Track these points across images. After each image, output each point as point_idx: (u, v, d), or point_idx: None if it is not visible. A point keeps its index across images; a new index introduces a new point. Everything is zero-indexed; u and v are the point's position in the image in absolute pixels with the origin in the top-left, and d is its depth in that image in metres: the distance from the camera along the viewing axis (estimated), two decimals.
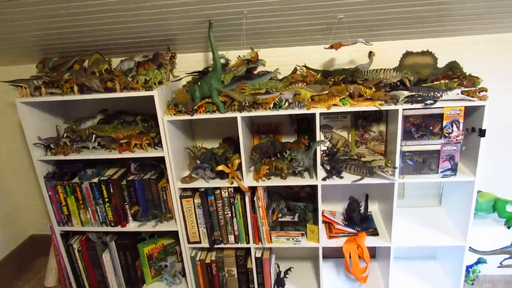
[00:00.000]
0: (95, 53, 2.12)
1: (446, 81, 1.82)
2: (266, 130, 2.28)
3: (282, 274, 2.37)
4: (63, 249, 2.34)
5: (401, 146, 1.87)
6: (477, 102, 1.75)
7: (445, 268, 2.32)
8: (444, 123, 1.82)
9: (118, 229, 2.23)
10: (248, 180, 2.04)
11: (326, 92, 1.88)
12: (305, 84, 1.91)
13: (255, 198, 2.03)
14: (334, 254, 2.48)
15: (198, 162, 2.15)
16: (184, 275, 2.38)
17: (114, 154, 2.09)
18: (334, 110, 1.84)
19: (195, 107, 1.94)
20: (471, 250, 2.32)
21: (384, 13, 1.80)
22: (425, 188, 2.35)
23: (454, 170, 1.89)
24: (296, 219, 2.24)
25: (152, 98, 1.93)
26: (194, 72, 2.20)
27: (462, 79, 1.82)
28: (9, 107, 2.60)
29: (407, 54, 1.93)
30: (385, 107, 1.80)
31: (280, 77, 2.12)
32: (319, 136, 1.92)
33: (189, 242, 2.20)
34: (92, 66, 2.08)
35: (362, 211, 2.22)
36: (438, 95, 1.78)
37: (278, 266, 2.44)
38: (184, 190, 2.15)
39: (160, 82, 2.03)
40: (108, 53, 2.22)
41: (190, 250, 2.27)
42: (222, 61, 2.10)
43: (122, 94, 1.96)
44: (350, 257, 2.08)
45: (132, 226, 2.24)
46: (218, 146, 2.28)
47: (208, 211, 2.11)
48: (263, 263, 2.18)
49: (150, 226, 2.20)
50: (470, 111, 1.85)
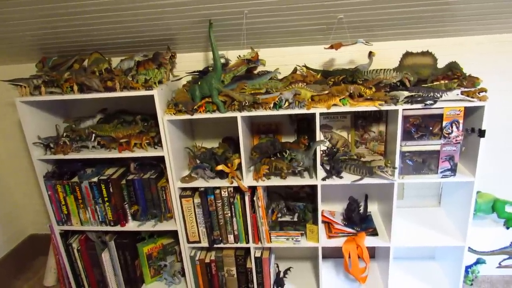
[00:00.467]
0: (95, 52, 2.12)
1: (446, 81, 1.83)
2: (266, 130, 2.28)
3: (281, 274, 2.37)
4: (63, 248, 2.34)
5: (400, 146, 1.87)
6: (476, 103, 1.75)
7: (444, 268, 2.32)
8: (443, 124, 1.82)
9: (118, 228, 2.23)
10: (247, 180, 2.04)
11: (326, 92, 1.88)
12: (305, 84, 1.91)
13: (255, 198, 2.03)
14: (333, 254, 2.49)
15: (198, 161, 2.15)
16: (183, 275, 2.38)
17: (114, 154, 2.09)
18: (334, 110, 1.84)
19: (195, 107, 1.94)
20: (470, 250, 2.33)
21: (384, 13, 1.80)
22: (424, 188, 2.35)
23: (453, 170, 1.89)
24: (295, 219, 2.24)
25: (152, 97, 1.93)
26: (194, 71, 2.20)
27: (462, 80, 1.82)
28: (8, 106, 2.60)
29: (407, 54, 1.93)
30: (385, 107, 1.80)
31: (280, 77, 2.12)
32: (319, 136, 1.92)
33: (188, 242, 2.20)
34: (92, 66, 2.08)
35: (361, 211, 2.23)
36: (438, 96, 1.78)
37: (278, 266, 2.44)
38: (183, 189, 2.15)
39: (160, 82, 2.03)
40: (108, 52, 2.22)
41: (189, 250, 2.27)
42: (222, 60, 2.10)
43: (122, 93, 1.96)
44: (349, 257, 2.09)
45: (131, 225, 2.24)
46: (218, 145, 2.28)
47: (207, 211, 2.11)
48: (263, 263, 2.18)
49: (149, 226, 2.20)
50: (469, 112, 1.85)
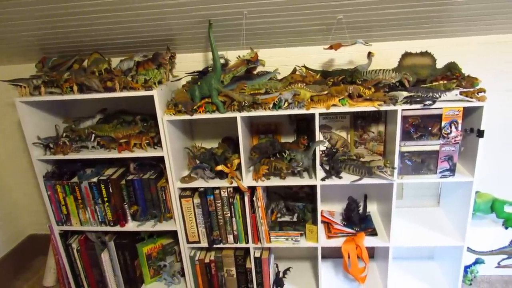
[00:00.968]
0: (95, 52, 2.12)
1: (445, 82, 1.83)
2: (265, 130, 2.29)
3: (281, 274, 2.37)
4: (62, 248, 2.34)
5: (400, 146, 1.88)
6: (475, 103, 1.75)
7: (443, 268, 2.33)
8: (442, 124, 1.82)
9: (117, 228, 2.23)
10: (247, 180, 2.04)
11: (326, 92, 1.88)
12: (304, 84, 1.91)
13: (254, 198, 2.04)
14: (333, 254, 2.49)
15: (198, 162, 2.15)
16: (183, 275, 2.38)
17: (114, 154, 2.09)
18: (333, 110, 1.84)
19: (195, 107, 1.94)
20: (469, 250, 2.33)
21: (383, 13, 1.81)
22: (423, 188, 2.35)
23: (452, 170, 1.90)
24: (295, 219, 2.25)
25: (151, 98, 1.93)
26: (194, 72, 2.20)
27: (461, 80, 1.83)
28: (8, 107, 2.60)
29: (406, 55, 1.93)
30: (384, 108, 1.81)
31: (279, 77, 2.12)
32: (318, 136, 1.92)
33: (188, 242, 2.21)
34: (91, 66, 2.08)
35: (361, 211, 2.23)
36: (437, 96, 1.79)
37: (277, 266, 2.44)
38: (183, 190, 2.15)
39: (159, 82, 2.03)
40: (107, 52, 2.22)
41: (189, 250, 2.27)
42: (222, 61, 2.10)
43: (122, 93, 1.97)
44: (349, 257, 2.09)
45: (131, 225, 2.24)
46: (217, 146, 2.28)
47: (207, 211, 2.11)
48: (262, 263, 2.18)
49: (149, 226, 2.20)
50: (468, 112, 1.85)
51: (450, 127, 1.83)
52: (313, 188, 2.22)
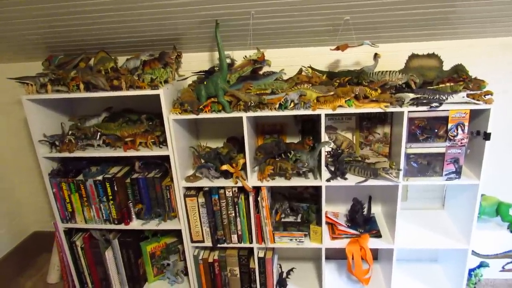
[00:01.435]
0: (101, 51, 2.13)
1: (452, 84, 1.83)
2: (270, 130, 2.29)
3: (284, 275, 2.37)
4: (66, 246, 2.35)
5: (405, 148, 1.88)
6: (482, 106, 1.75)
7: (447, 271, 2.32)
8: (449, 126, 1.82)
9: (122, 227, 2.24)
10: (252, 180, 2.04)
11: (332, 93, 1.88)
12: (310, 85, 1.91)
13: (259, 198, 2.04)
14: (336, 255, 2.49)
15: (203, 161, 2.16)
16: (186, 274, 2.39)
17: (119, 152, 2.10)
18: (339, 111, 1.84)
19: (201, 107, 1.95)
20: (474, 253, 2.32)
21: (390, 15, 1.80)
22: (428, 190, 2.35)
23: (458, 173, 1.89)
24: (299, 220, 2.24)
25: (157, 97, 1.93)
26: (200, 71, 2.20)
27: (468, 82, 1.82)
28: (15, 104, 2.61)
29: (413, 56, 1.93)
30: (390, 109, 1.80)
31: (285, 77, 2.12)
32: (324, 137, 1.92)
33: (192, 241, 2.21)
34: (98, 64, 2.09)
35: (365, 213, 2.22)
36: (444, 98, 1.78)
37: (281, 267, 2.44)
38: (188, 189, 2.15)
39: (166, 81, 2.03)
40: (114, 51, 2.23)
41: (193, 249, 2.27)
42: (228, 61, 2.10)
43: (128, 92, 1.97)
44: (352, 258, 2.09)
45: (135, 224, 2.24)
46: (222, 145, 2.29)
47: (211, 211, 2.11)
48: (266, 263, 2.18)
49: (153, 225, 2.21)
50: (475, 114, 1.85)
51: (457, 130, 1.82)
52: (317, 189, 2.21)
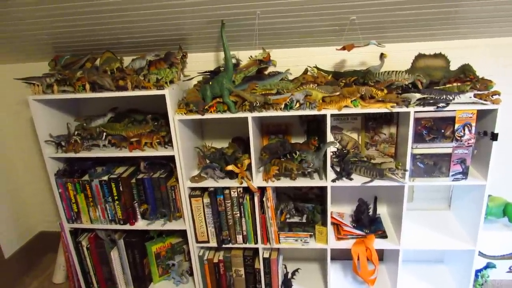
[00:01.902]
0: (107, 51, 2.13)
1: (459, 84, 1.82)
2: (275, 131, 2.28)
3: (289, 275, 2.37)
4: (72, 246, 2.35)
5: (412, 148, 1.87)
6: (489, 106, 1.74)
7: (453, 272, 2.30)
8: (456, 126, 1.81)
9: (127, 227, 2.24)
10: (257, 180, 2.04)
11: (337, 93, 1.87)
12: (316, 85, 1.91)
13: (264, 199, 2.03)
14: (342, 256, 2.48)
15: (208, 161, 2.16)
16: (191, 274, 2.39)
17: (124, 153, 2.10)
18: (345, 111, 1.83)
19: (206, 107, 1.95)
20: (480, 254, 2.30)
21: (396, 15, 1.80)
22: (434, 191, 2.34)
23: (465, 173, 1.88)
24: (304, 220, 2.24)
25: (163, 97, 1.94)
26: (206, 71, 2.20)
27: (475, 82, 1.81)
28: (21, 105, 2.63)
29: (420, 56, 1.92)
30: (396, 110, 1.80)
31: (291, 78, 2.12)
32: (329, 137, 1.91)
33: (197, 242, 2.21)
34: (104, 65, 2.09)
35: (370, 213, 2.22)
36: (451, 98, 1.77)
37: (286, 267, 2.44)
38: (193, 189, 2.16)
39: (171, 81, 2.04)
40: (120, 51, 2.24)
41: (198, 250, 2.27)
42: (234, 61, 2.10)
43: (134, 92, 1.97)
44: (358, 259, 2.08)
45: (140, 224, 2.25)
46: (227, 146, 2.29)
47: (216, 211, 2.11)
48: (271, 264, 2.18)
49: (158, 225, 2.21)
50: (482, 115, 1.83)
51: (464, 130, 1.81)
52: (323, 189, 2.21)
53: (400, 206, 2.00)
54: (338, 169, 2.04)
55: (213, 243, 2.20)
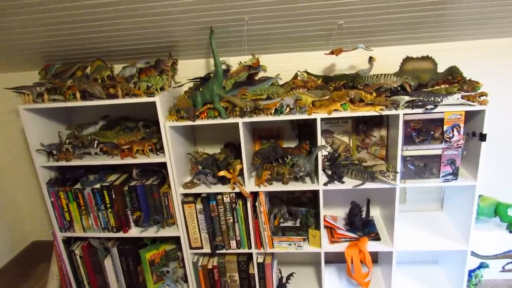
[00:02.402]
0: (97, 59, 2.14)
1: (446, 86, 1.84)
2: (267, 136, 2.29)
3: (284, 280, 2.37)
4: (65, 255, 2.34)
5: (402, 150, 1.88)
6: (477, 107, 1.75)
7: (447, 272, 2.31)
8: (444, 128, 1.82)
9: (120, 234, 2.23)
10: (249, 185, 2.04)
11: (327, 97, 1.89)
12: (306, 89, 1.92)
13: (257, 203, 2.04)
14: (336, 259, 2.48)
15: (200, 167, 2.16)
16: (186, 281, 2.38)
17: (116, 160, 2.10)
18: (335, 115, 1.85)
19: (197, 113, 1.95)
20: (473, 254, 2.32)
21: (383, 19, 1.82)
22: (426, 192, 2.35)
23: (455, 174, 1.89)
24: (297, 224, 2.24)
25: (154, 104, 1.94)
26: (196, 78, 2.21)
27: (462, 84, 1.83)
28: (12, 114, 2.62)
29: (407, 59, 1.94)
30: (385, 112, 1.81)
31: (281, 82, 2.13)
32: (320, 141, 1.92)
33: (191, 248, 2.20)
34: (94, 73, 2.10)
35: (363, 216, 2.22)
36: (439, 100, 1.79)
37: (280, 272, 2.44)
38: (186, 195, 2.15)
39: (162, 88, 2.04)
40: (110, 59, 2.24)
41: (192, 256, 2.27)
42: (224, 67, 2.11)
43: (124, 100, 1.97)
44: (352, 262, 2.08)
45: (134, 231, 2.24)
46: (219, 151, 2.29)
47: (210, 217, 2.11)
48: (265, 269, 2.18)
49: (152, 232, 2.20)
50: (470, 116, 1.85)
51: (452, 131, 1.82)
52: (315, 193, 2.21)
53: (392, 208, 2.01)
54: (329, 172, 2.05)
55: (206, 249, 2.19)
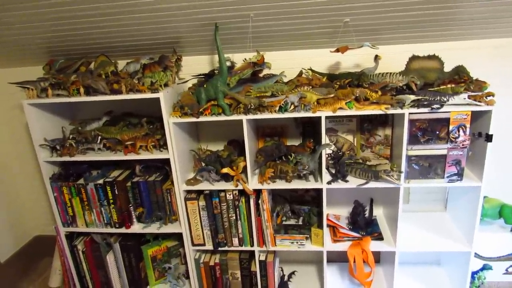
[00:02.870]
0: (101, 55, 2.13)
1: (453, 85, 1.82)
2: (271, 133, 2.28)
3: (286, 278, 2.36)
4: (68, 250, 2.35)
5: (407, 150, 1.86)
6: (484, 107, 1.74)
7: (450, 274, 2.30)
8: (450, 128, 1.81)
9: (123, 230, 2.23)
10: (253, 183, 2.03)
11: (332, 95, 1.87)
12: (310, 87, 1.91)
13: (260, 201, 2.03)
14: (338, 258, 2.48)
15: (203, 164, 2.15)
16: (187, 278, 2.38)
17: (120, 156, 2.10)
18: (339, 113, 1.83)
19: (201, 110, 1.94)
20: (477, 256, 2.30)
21: (390, 16, 1.80)
22: (430, 193, 2.33)
23: (460, 175, 1.88)
24: (300, 223, 2.23)
25: (157, 100, 1.93)
26: (200, 74, 2.20)
27: (469, 84, 1.81)
28: (16, 109, 2.62)
29: (414, 58, 1.92)
30: (391, 111, 1.79)
31: (285, 80, 2.12)
32: (325, 139, 1.91)
33: (193, 245, 2.20)
34: (98, 68, 2.09)
35: (366, 215, 2.21)
36: (445, 100, 1.77)
37: (282, 270, 2.43)
38: (188, 192, 2.15)
39: (166, 85, 2.03)
40: (114, 55, 2.24)
41: (194, 253, 2.27)
42: (228, 63, 2.10)
43: (128, 96, 1.97)
44: (354, 261, 2.07)
45: (136, 227, 2.24)
46: (223, 148, 2.28)
47: (212, 214, 2.11)
48: (267, 266, 2.17)
49: (154, 228, 2.20)
50: (476, 116, 1.83)
51: (458, 131, 1.81)
52: (318, 191, 2.21)
53: (396, 208, 1.99)
54: (333, 171, 2.04)
55: (209, 246, 2.19)
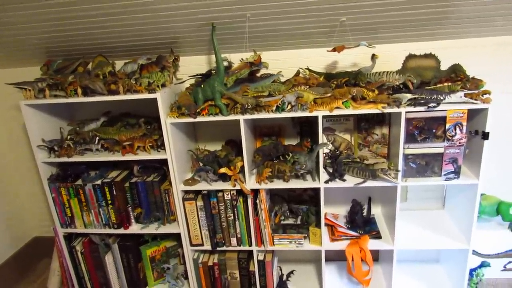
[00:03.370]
0: (99, 55, 2.13)
1: (449, 83, 1.82)
2: (268, 133, 2.28)
3: (284, 277, 2.36)
4: (66, 251, 2.35)
5: (404, 149, 1.87)
6: (480, 105, 1.74)
7: (448, 271, 2.31)
8: (447, 126, 1.81)
9: (121, 231, 2.23)
10: (250, 182, 2.04)
11: (329, 94, 1.88)
12: (307, 86, 1.91)
13: (258, 201, 2.03)
14: (336, 257, 2.48)
15: (201, 164, 2.15)
16: (186, 278, 2.38)
17: (117, 157, 2.10)
18: (336, 112, 1.84)
19: (198, 110, 1.95)
20: (475, 253, 2.31)
21: (387, 15, 1.80)
22: (428, 191, 2.34)
23: (457, 173, 1.88)
24: (298, 222, 2.24)
25: (155, 100, 1.93)
26: (197, 74, 2.21)
27: (465, 82, 1.81)
28: (14, 110, 2.62)
29: (410, 56, 1.92)
30: (388, 110, 1.80)
31: (282, 79, 2.12)
32: (322, 138, 1.91)
33: (191, 245, 2.20)
34: (96, 69, 2.09)
35: (364, 214, 2.22)
36: (441, 98, 1.78)
37: (281, 269, 2.43)
38: (186, 192, 2.15)
39: (163, 85, 2.04)
40: (111, 55, 2.24)
41: (192, 253, 2.27)
42: (225, 63, 2.10)
43: (126, 96, 1.97)
44: (352, 260, 2.08)
45: (135, 228, 2.24)
46: (220, 148, 2.29)
47: (210, 214, 2.11)
48: (266, 266, 2.18)
49: (152, 229, 2.20)
50: (473, 114, 1.84)
51: (455, 129, 1.81)
52: (316, 190, 2.21)
53: (393, 206, 2.00)
54: (331, 170, 2.05)
55: (207, 246, 2.19)
